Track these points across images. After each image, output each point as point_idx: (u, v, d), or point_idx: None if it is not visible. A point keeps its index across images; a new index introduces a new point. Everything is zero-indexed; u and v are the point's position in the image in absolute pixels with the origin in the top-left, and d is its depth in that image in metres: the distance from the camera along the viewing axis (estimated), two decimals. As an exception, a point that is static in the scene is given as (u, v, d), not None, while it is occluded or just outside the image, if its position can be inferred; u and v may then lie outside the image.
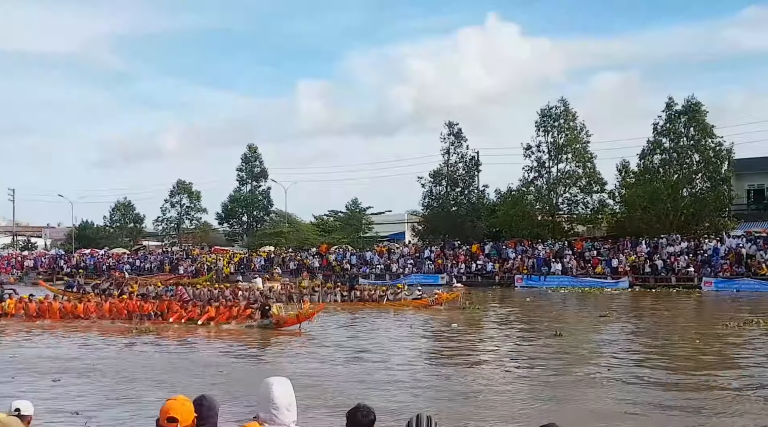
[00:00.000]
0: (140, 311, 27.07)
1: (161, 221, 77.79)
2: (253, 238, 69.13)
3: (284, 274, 52.39)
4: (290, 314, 24.85)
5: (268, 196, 73.85)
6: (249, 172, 73.58)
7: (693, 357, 17.21)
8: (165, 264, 61.04)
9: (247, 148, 74.32)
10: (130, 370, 16.02)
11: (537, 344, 19.89)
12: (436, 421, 4.35)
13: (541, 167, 53.75)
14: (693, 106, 49.25)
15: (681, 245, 44.50)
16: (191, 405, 4.16)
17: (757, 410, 11.26)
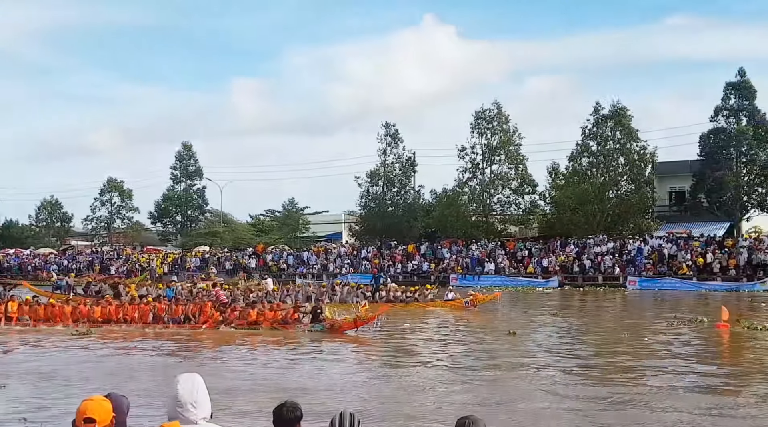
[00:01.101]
0: (170, 315, 24.83)
1: (91, 219, 76.35)
2: (187, 237, 68.52)
3: (220, 274, 52.30)
4: (346, 318, 22.90)
5: (203, 195, 73.32)
6: (183, 170, 72.84)
7: (634, 353, 18.22)
8: (95, 264, 60.04)
9: (181, 146, 73.61)
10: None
11: (495, 343, 20.69)
12: (359, 419, 4.41)
13: (475, 168, 55.02)
14: (619, 110, 51.24)
15: (607, 246, 46.34)
16: (109, 405, 4.05)
17: (688, 407, 12.08)
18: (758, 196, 48.59)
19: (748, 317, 24.33)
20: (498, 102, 55.07)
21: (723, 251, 41.93)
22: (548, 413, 11.86)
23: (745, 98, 49.27)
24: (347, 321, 22.61)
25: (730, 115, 49.41)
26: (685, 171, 51.77)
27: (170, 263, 57.60)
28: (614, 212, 50.05)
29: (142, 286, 36.18)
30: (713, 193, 48.35)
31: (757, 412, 11.52)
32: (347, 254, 54.91)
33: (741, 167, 48.41)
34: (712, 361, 17.48)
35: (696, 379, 14.62)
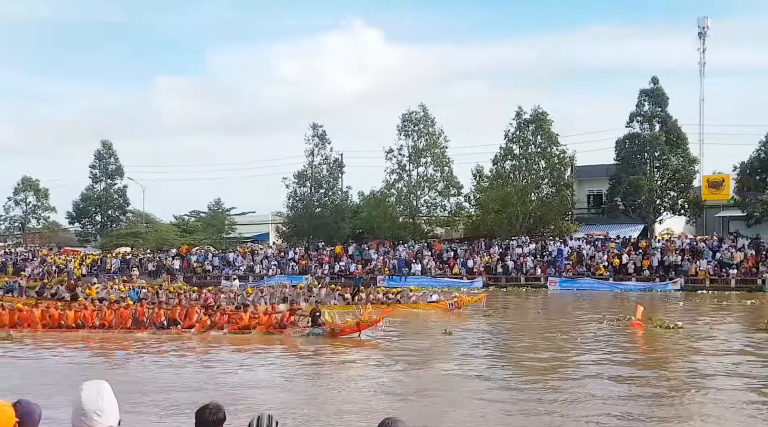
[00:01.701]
0: (153, 319, 23.83)
1: (4, 219, 73.66)
2: (107, 238, 66.88)
3: (142, 276, 51.45)
4: (348, 321, 22.24)
5: (124, 195, 71.51)
6: (103, 169, 70.88)
7: (562, 350, 19.14)
8: (8, 266, 57.99)
9: (101, 145, 71.64)
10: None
11: (426, 343, 21.31)
12: (277, 420, 4.40)
13: (402, 170, 55.79)
14: (540, 115, 52.82)
15: (529, 247, 47.80)
16: (12, 411, 3.89)
17: (609, 403, 12.90)
18: (670, 200, 50.90)
19: (660, 316, 25.62)
20: (424, 105, 56.04)
21: (637, 252, 43.87)
22: (482, 411, 12.46)
23: (658, 105, 51.43)
24: (349, 325, 21.90)
25: (644, 121, 51.51)
26: (603, 175, 53.74)
27: (89, 265, 56.18)
28: (536, 214, 51.56)
29: (105, 289, 34.88)
30: (628, 197, 50.36)
31: (670, 410, 12.33)
32: (274, 255, 54.83)
33: (654, 171, 50.57)
34: (628, 357, 18.39)
35: (615, 375, 15.45)
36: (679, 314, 28.25)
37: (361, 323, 21.56)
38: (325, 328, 21.98)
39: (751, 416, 11.56)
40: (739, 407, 12.17)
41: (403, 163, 55.71)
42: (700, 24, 62.31)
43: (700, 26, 62.20)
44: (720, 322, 25.69)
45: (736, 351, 18.91)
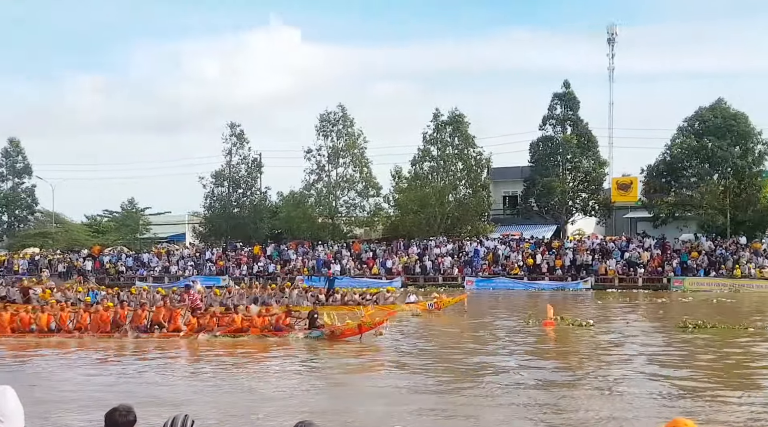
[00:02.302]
0: (135, 322, 22.66)
1: None
2: (14, 239, 64.31)
3: (53, 277, 49.78)
4: (349, 323, 21.35)
5: (32, 195, 68.84)
6: (10, 168, 68.06)
7: (485, 349, 19.49)
8: None
9: (7, 142, 68.75)
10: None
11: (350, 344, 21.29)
12: (193, 420, 4.30)
13: (321, 171, 55.73)
14: (457, 117, 53.68)
15: (447, 247, 48.60)
16: None
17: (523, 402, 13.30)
18: (581, 201, 52.56)
19: (572, 314, 26.49)
20: (342, 105, 56.07)
21: (551, 252, 45.21)
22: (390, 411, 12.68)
23: (569, 109, 53.02)
24: (350, 327, 21.05)
25: (557, 125, 53.02)
26: (518, 177, 55.06)
27: (-6, 266, 53.99)
28: (453, 215, 52.38)
29: (61, 290, 33.22)
30: (542, 198, 51.75)
31: (586, 404, 12.78)
32: (191, 255, 53.97)
33: (566, 174, 52.15)
34: (540, 355, 19.02)
35: (529, 372, 15.94)
36: (590, 312, 29.28)
37: (363, 326, 20.74)
38: (324, 330, 21.21)
39: (665, 406, 12.06)
40: (650, 401, 12.69)
41: (322, 163, 55.68)
42: (609, 31, 64.52)
43: (609, 33, 64.41)
44: (632, 319, 26.76)
45: (650, 347, 19.55)
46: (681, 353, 18.35)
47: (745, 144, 47.02)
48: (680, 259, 41.68)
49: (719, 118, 47.45)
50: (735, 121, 47.18)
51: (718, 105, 48.55)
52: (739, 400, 12.64)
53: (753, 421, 11.22)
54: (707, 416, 11.35)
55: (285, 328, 21.59)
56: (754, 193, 46.38)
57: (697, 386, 13.98)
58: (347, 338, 20.73)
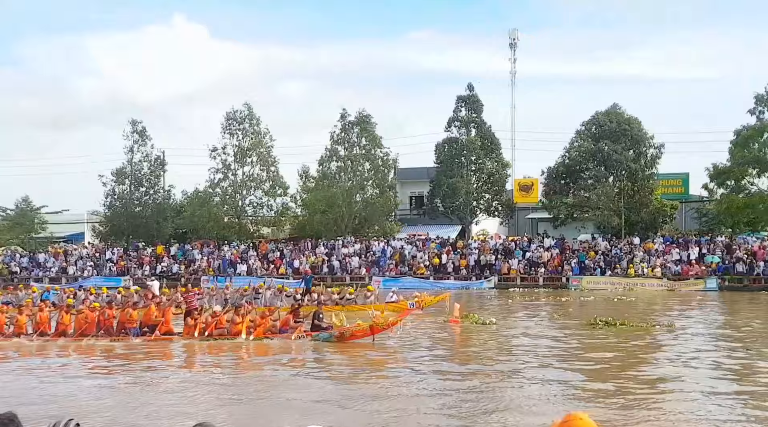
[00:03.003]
0: (128, 324, 21.47)
1: None
2: None
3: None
4: (359, 324, 20.33)
5: None
6: None
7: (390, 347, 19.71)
8: None
9: None
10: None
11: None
12: (78, 423, 4.01)
13: (227, 170, 54.90)
14: (364, 118, 53.98)
15: (354, 247, 48.85)
16: None
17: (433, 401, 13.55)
18: (485, 202, 53.90)
19: (477, 312, 27.10)
20: (249, 103, 55.40)
21: (456, 252, 46.13)
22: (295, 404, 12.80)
23: (473, 111, 54.24)
24: (361, 328, 20.06)
25: (462, 126, 54.17)
26: (424, 177, 55.95)
27: None
28: (361, 215, 52.69)
29: (13, 292, 31.22)
30: (447, 199, 52.76)
31: (488, 404, 13.15)
32: (90, 255, 52.18)
33: (471, 175, 53.36)
34: (447, 353, 19.43)
35: (435, 370, 16.17)
36: (493, 310, 30.05)
37: (375, 326, 19.81)
38: (333, 332, 20.29)
39: (566, 400, 12.53)
40: (550, 397, 13.11)
41: (228, 162, 54.88)
42: (510, 35, 66.55)
43: (511, 38, 66.44)
44: (541, 317, 27.58)
45: (551, 343, 20.07)
46: (588, 348, 18.87)
47: (638, 148, 49.34)
48: (578, 259, 43.35)
49: (614, 122, 49.63)
50: (629, 126, 49.46)
51: (613, 110, 50.76)
52: (641, 394, 13.18)
53: (656, 414, 11.75)
54: (609, 411, 11.83)
55: (291, 329, 20.63)
56: (646, 195, 48.77)
57: (600, 380, 14.51)
58: (358, 340, 19.81)
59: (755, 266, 39.68)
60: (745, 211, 44.04)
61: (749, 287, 38.59)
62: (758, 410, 11.97)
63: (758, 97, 44.70)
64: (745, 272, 39.86)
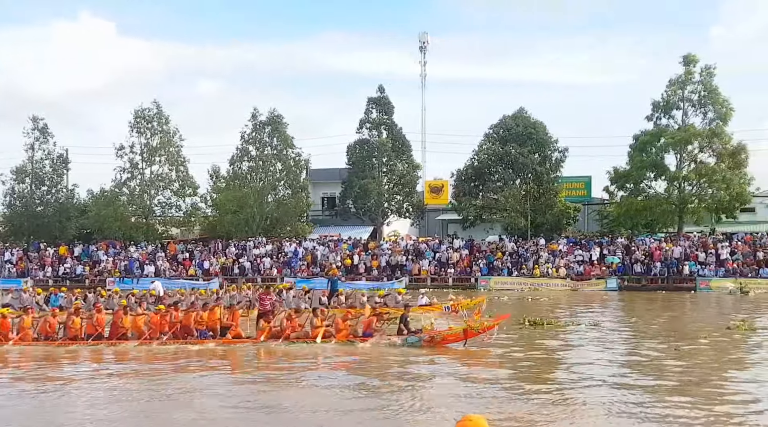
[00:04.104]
0: (200, 325, 20.41)
1: None
2: None
3: None
4: (454, 327, 19.43)
5: None
6: None
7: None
8: None
9: None
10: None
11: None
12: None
13: (134, 169, 53.51)
14: (275, 118, 53.68)
15: (266, 248, 48.53)
16: None
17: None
18: (396, 203, 54.42)
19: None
20: (157, 102, 54.13)
21: (367, 253, 46.48)
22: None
23: (384, 113, 54.71)
24: (454, 332, 19.12)
25: (373, 128, 54.56)
26: (336, 178, 56.09)
27: None
28: (272, 216, 52.38)
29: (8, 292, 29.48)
30: (359, 200, 53.07)
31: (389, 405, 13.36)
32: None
33: (382, 176, 53.83)
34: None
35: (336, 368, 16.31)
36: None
37: (470, 330, 18.82)
38: (423, 335, 19.30)
39: (471, 401, 12.87)
40: (454, 398, 13.39)
41: (136, 161, 53.49)
42: (421, 39, 67.40)
43: (421, 41, 67.29)
44: (463, 316, 27.90)
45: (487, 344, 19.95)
46: (515, 349, 19.16)
47: (543, 151, 50.87)
48: (487, 259, 44.42)
49: (521, 126, 51.01)
50: (534, 130, 50.94)
51: (519, 114, 52.15)
52: (553, 393, 13.65)
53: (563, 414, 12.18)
54: (514, 411, 12.26)
55: (375, 333, 19.67)
56: (551, 197, 50.38)
57: (513, 380, 14.94)
58: (449, 345, 18.92)
59: (652, 266, 41.62)
60: (643, 213, 46.09)
61: (647, 286, 40.45)
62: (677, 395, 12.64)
63: (655, 103, 46.89)
64: (642, 273, 41.77)
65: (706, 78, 45.80)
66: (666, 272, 41.27)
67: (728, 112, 45.37)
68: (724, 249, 41.50)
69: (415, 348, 18.61)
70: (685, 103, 46.37)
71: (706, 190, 45.49)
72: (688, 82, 46.06)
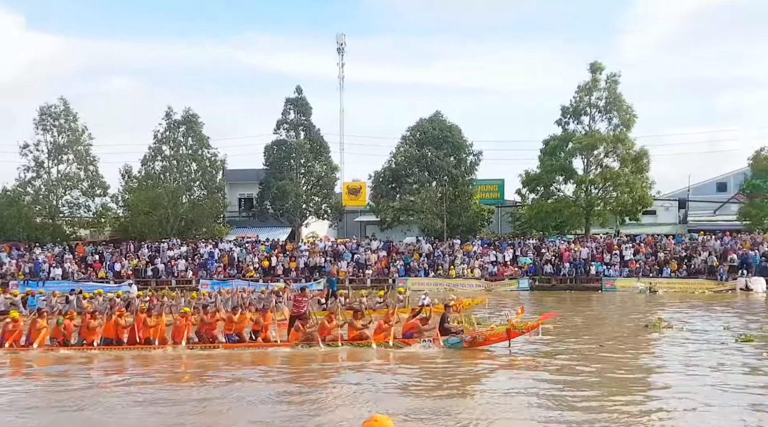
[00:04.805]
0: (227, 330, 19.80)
1: None
2: None
3: None
4: (494, 327, 18.61)
5: None
6: None
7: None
8: None
9: None
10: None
11: None
12: None
13: (39, 167, 51.60)
14: (191, 117, 52.84)
15: (180, 249, 47.64)
16: None
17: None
18: (315, 205, 54.37)
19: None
20: (65, 98, 52.40)
21: (285, 255, 46.32)
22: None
23: (302, 114, 54.67)
24: (496, 333, 18.37)
25: (291, 129, 54.42)
26: (254, 179, 55.60)
27: None
28: (187, 217, 51.50)
29: None
30: (277, 201, 52.80)
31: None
32: None
33: (300, 177, 53.72)
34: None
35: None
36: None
37: (513, 330, 18.12)
38: (464, 336, 18.62)
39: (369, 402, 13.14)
40: (360, 398, 13.49)
41: (41, 159, 51.58)
42: (338, 40, 67.65)
43: (339, 42, 67.56)
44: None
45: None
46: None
47: (458, 154, 51.91)
48: (404, 260, 45.02)
49: (437, 129, 51.90)
50: (450, 133, 51.91)
51: (436, 117, 53.05)
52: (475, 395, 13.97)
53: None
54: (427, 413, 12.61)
55: (417, 334, 18.91)
56: (466, 199, 51.45)
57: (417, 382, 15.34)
58: (490, 346, 18.37)
59: (561, 266, 43.17)
60: (553, 215, 47.77)
61: (556, 286, 41.88)
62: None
63: (564, 109, 48.70)
64: (552, 273, 43.26)
65: (611, 85, 47.91)
66: (574, 272, 42.85)
67: (631, 119, 47.60)
68: (627, 250, 43.43)
69: (456, 349, 18.14)
70: (592, 109, 48.38)
71: (611, 194, 47.58)
72: (594, 89, 48.08)
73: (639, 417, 11.86)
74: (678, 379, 14.99)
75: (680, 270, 41.29)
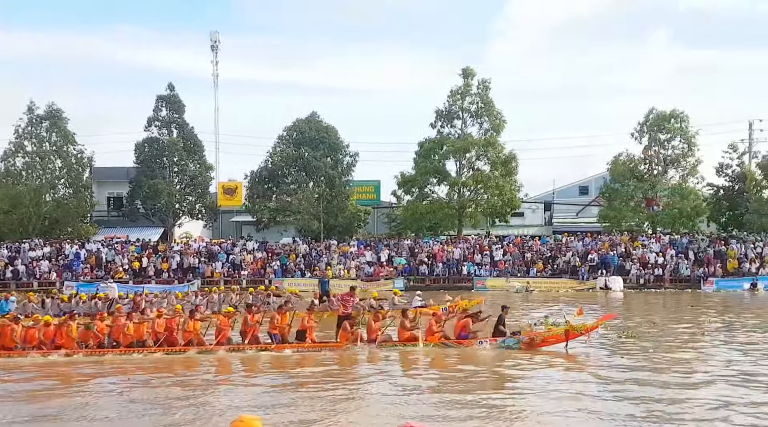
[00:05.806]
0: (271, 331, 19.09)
1: None
2: None
3: None
4: (552, 328, 17.90)
5: None
6: None
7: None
8: None
9: None
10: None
11: None
12: None
13: None
14: (55, 112, 50.58)
15: (43, 250, 45.41)
16: None
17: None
18: (188, 204, 53.14)
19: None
20: None
21: (157, 256, 45.06)
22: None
23: (175, 111, 53.32)
24: (555, 333, 17.80)
25: (163, 127, 52.96)
26: (124, 177, 53.72)
27: None
28: (51, 216, 49.26)
29: None
30: (149, 200, 51.30)
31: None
32: None
33: (173, 176, 52.42)
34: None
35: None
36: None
37: (571, 331, 17.55)
38: (521, 337, 18.01)
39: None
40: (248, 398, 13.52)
41: None
42: (212, 38, 66.34)
43: (213, 40, 66.26)
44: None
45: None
46: None
47: (335, 155, 52.28)
48: (280, 261, 44.84)
49: (313, 130, 52.07)
50: (327, 134, 52.23)
51: (312, 118, 53.19)
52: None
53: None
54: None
55: (472, 335, 18.32)
56: (343, 200, 51.92)
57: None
58: (549, 347, 17.90)
59: (435, 267, 44.33)
60: (427, 216, 49.02)
61: (430, 286, 42.89)
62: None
63: (438, 112, 50.04)
64: (426, 273, 44.33)
65: (482, 91, 49.67)
66: (447, 272, 44.14)
67: (501, 124, 49.57)
68: (497, 251, 45.17)
69: (512, 351, 17.82)
70: (464, 114, 49.98)
71: (482, 196, 49.36)
72: (467, 94, 49.69)
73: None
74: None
75: (546, 270, 43.40)
